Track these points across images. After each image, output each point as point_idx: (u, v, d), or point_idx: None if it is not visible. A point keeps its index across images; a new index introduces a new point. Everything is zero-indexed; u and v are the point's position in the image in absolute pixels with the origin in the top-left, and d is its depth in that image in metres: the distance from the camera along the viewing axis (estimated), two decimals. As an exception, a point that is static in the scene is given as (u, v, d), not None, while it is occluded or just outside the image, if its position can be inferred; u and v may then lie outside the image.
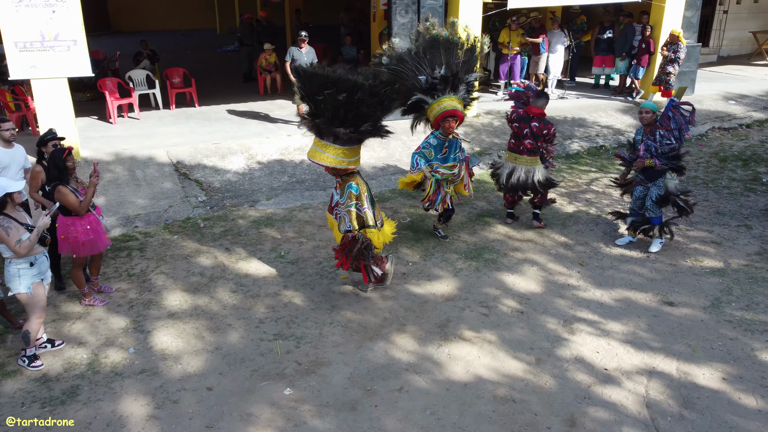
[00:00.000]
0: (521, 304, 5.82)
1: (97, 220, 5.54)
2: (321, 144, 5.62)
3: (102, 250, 5.69)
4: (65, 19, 8.13)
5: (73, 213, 5.39)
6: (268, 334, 5.35)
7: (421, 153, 6.74)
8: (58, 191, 5.28)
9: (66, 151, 5.32)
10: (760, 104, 12.47)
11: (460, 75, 6.78)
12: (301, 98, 5.77)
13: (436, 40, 6.82)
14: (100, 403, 4.53)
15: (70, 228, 5.41)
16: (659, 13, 11.95)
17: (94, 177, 5.42)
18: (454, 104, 6.66)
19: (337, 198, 5.90)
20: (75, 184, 5.46)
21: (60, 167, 5.30)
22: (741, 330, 5.36)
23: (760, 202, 8.14)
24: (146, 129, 10.50)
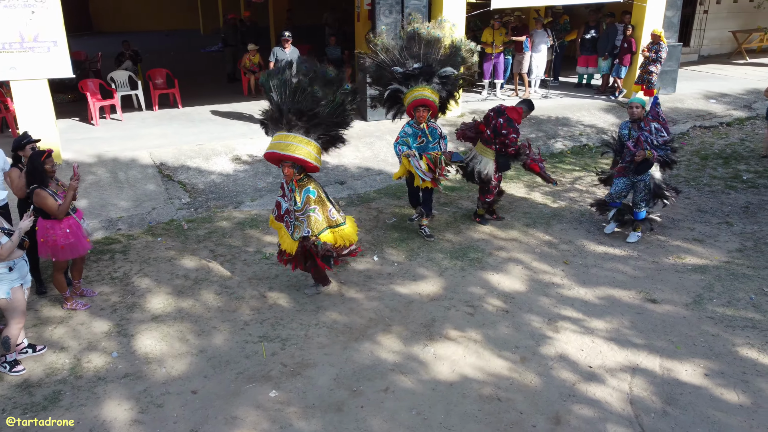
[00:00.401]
0: (506, 303, 5.84)
1: (77, 224, 5.47)
2: (295, 138, 5.45)
3: (82, 254, 5.63)
4: (45, 19, 8.03)
5: (52, 216, 5.32)
6: (254, 336, 5.33)
7: (402, 142, 6.98)
8: (36, 194, 5.21)
9: (45, 154, 5.25)
10: (740, 103, 12.62)
11: (434, 68, 6.99)
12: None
13: (417, 33, 7.06)
14: (82, 408, 4.48)
15: (49, 231, 5.34)
16: (641, 12, 12.07)
17: (73, 180, 5.36)
18: (424, 94, 6.88)
19: (287, 205, 5.72)
20: (55, 187, 5.40)
21: (39, 170, 5.23)
22: (722, 326, 5.43)
23: (741, 199, 8.25)
24: (129, 130, 10.40)
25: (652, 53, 11.28)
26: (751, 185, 8.72)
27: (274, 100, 5.53)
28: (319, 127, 5.61)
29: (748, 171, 9.30)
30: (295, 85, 5.47)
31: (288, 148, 5.40)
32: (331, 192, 8.43)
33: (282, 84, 5.48)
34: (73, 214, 5.49)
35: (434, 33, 6.99)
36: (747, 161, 9.77)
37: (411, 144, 6.96)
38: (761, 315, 5.57)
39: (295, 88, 5.46)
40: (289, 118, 5.47)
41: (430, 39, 6.98)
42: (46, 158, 5.25)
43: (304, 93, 5.45)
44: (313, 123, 5.55)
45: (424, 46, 6.95)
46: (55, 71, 8.32)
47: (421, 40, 6.97)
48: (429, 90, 6.93)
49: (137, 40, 23.03)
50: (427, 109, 6.87)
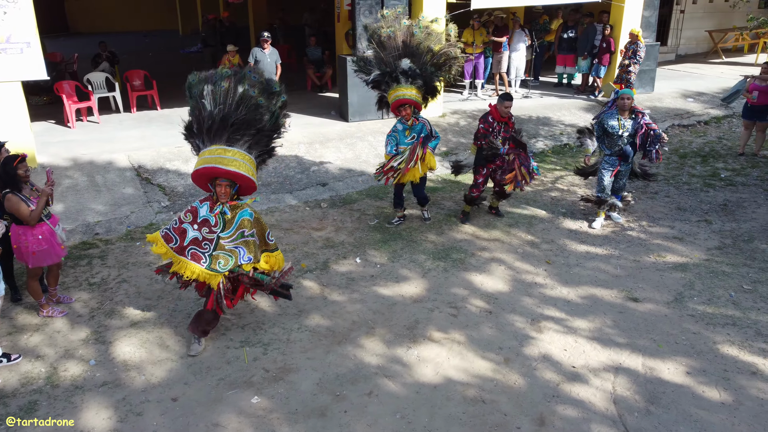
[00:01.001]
0: (489, 304, 5.83)
1: (50, 231, 5.34)
2: (236, 153, 4.79)
3: (56, 261, 5.49)
4: (17, 20, 7.87)
5: (24, 222, 5.20)
6: (235, 341, 5.25)
7: (392, 135, 7.21)
8: (8, 199, 5.08)
9: (18, 159, 5.12)
10: (717, 101, 12.78)
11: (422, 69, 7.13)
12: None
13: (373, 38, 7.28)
14: (59, 418, 4.37)
15: (21, 238, 5.22)
16: (619, 12, 12.17)
17: (47, 185, 5.24)
18: (402, 93, 7.08)
19: (197, 234, 4.88)
20: (29, 192, 5.27)
21: (11, 174, 5.10)
22: (703, 324, 5.47)
23: (719, 197, 8.34)
24: (106, 133, 10.23)
25: (630, 53, 11.37)
26: (729, 183, 8.82)
27: (208, 109, 4.78)
28: (262, 141, 5.05)
29: (726, 169, 9.41)
30: (240, 94, 4.81)
31: (231, 163, 4.71)
32: (312, 194, 8.41)
33: (221, 92, 4.80)
34: (47, 221, 5.36)
35: (387, 31, 7.11)
36: (725, 159, 9.89)
37: (401, 140, 7.17)
38: (741, 312, 5.62)
39: (241, 98, 4.81)
40: (233, 131, 4.81)
41: (385, 39, 7.10)
42: (19, 163, 5.12)
43: (248, 103, 4.83)
44: (257, 137, 4.97)
45: (383, 48, 7.13)
46: (28, 73, 8.16)
47: (379, 43, 7.16)
48: (406, 88, 7.10)
49: (114, 41, 22.74)
50: (409, 106, 7.05)
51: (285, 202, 8.21)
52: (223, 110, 4.78)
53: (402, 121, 7.14)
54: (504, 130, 7.18)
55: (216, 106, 4.78)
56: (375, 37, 7.19)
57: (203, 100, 4.80)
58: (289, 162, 9.22)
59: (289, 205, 8.13)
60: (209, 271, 4.84)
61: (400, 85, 7.06)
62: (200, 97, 4.84)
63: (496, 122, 7.15)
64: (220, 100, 4.79)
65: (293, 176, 8.89)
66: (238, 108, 4.79)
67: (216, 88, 4.80)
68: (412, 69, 7.00)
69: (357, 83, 9.64)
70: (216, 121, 4.78)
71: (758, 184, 8.77)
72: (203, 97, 4.81)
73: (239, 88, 4.82)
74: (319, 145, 9.80)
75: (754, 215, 7.74)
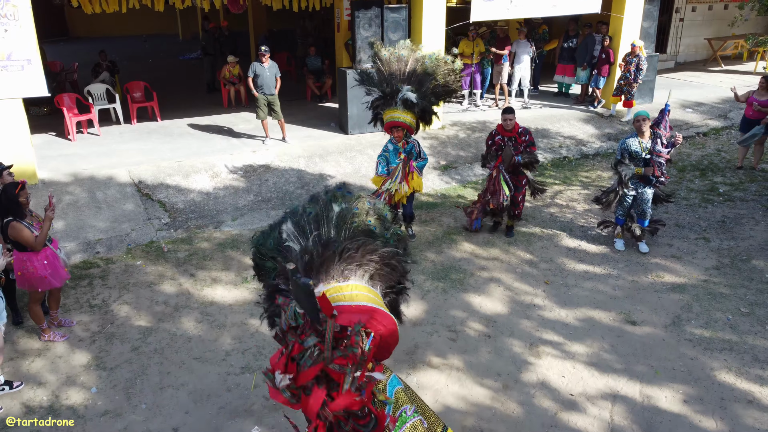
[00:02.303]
0: (488, 327, 5.87)
1: (54, 254, 5.39)
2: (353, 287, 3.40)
3: (60, 285, 5.54)
4: (18, 38, 7.88)
5: (28, 248, 5.23)
6: (235, 367, 5.29)
7: (382, 156, 7.37)
8: (11, 227, 5.12)
9: (19, 186, 5.16)
10: (716, 112, 12.81)
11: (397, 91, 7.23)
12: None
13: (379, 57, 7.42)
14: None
15: (26, 264, 5.26)
16: (618, 24, 12.20)
17: (49, 211, 5.28)
18: (395, 116, 7.22)
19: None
20: (30, 219, 5.31)
21: (13, 201, 5.15)
22: (700, 349, 5.50)
23: (717, 213, 8.37)
24: (106, 146, 10.26)
25: (633, 66, 11.39)
26: (728, 198, 8.86)
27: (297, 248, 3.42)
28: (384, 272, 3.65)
29: (724, 183, 9.45)
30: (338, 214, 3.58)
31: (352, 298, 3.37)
32: (312, 210, 8.42)
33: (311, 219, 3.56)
34: (50, 245, 5.40)
35: (400, 54, 7.22)
36: (723, 173, 9.92)
37: (392, 159, 7.31)
38: (738, 336, 5.66)
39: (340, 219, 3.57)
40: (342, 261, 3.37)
41: (394, 61, 7.20)
42: (21, 190, 5.16)
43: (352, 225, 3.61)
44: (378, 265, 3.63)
45: (388, 69, 7.25)
46: (29, 90, 8.16)
47: (385, 63, 7.27)
48: (400, 111, 7.22)
49: (114, 45, 22.85)
50: (401, 129, 7.22)
51: (285, 219, 8.23)
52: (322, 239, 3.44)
53: (393, 142, 7.30)
54: (513, 146, 7.23)
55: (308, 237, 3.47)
56: (382, 56, 7.26)
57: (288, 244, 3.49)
58: (289, 177, 9.25)
59: (289, 222, 8.15)
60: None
61: (397, 108, 7.16)
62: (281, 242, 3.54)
63: (499, 136, 7.25)
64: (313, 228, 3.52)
65: (293, 191, 8.92)
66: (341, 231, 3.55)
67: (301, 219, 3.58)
68: (412, 99, 7.07)
69: (357, 96, 9.68)
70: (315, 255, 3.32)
71: (756, 200, 8.80)
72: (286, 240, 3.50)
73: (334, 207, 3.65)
74: (318, 159, 9.83)
75: (752, 233, 7.78)
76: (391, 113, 7.19)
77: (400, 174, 7.13)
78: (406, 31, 10.59)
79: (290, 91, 13.49)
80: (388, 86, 7.19)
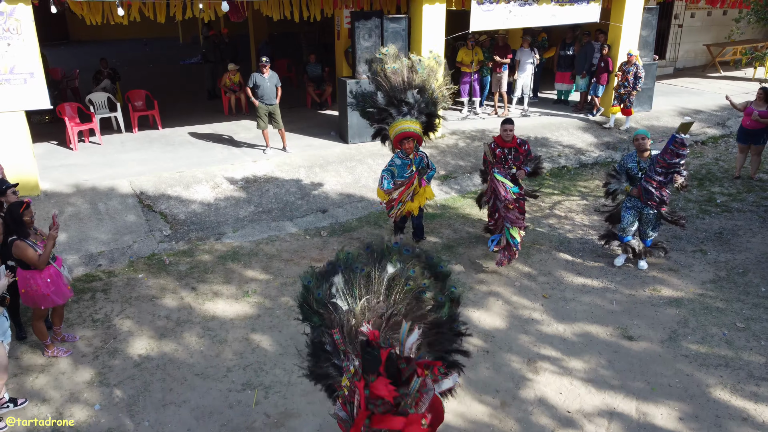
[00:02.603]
0: (487, 342, 5.93)
1: (57, 272, 5.46)
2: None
3: (63, 302, 5.61)
4: (21, 51, 7.96)
5: (32, 267, 5.30)
6: (237, 383, 5.35)
7: (388, 170, 7.30)
8: (15, 246, 5.19)
9: (24, 205, 5.23)
10: (714, 120, 12.88)
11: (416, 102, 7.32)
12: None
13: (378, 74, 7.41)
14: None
15: (30, 282, 5.32)
16: (616, 32, 12.26)
17: (53, 230, 5.35)
18: (406, 126, 7.20)
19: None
20: (34, 237, 5.37)
21: (17, 221, 5.22)
22: (696, 365, 5.57)
23: (714, 224, 8.43)
24: (108, 156, 10.32)
25: (630, 75, 11.46)
26: (725, 209, 8.92)
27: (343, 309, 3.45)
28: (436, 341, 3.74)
29: (722, 194, 9.51)
30: (391, 276, 3.55)
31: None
32: (312, 221, 8.52)
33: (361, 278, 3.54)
34: (53, 263, 5.47)
35: (393, 67, 7.26)
36: (721, 183, 9.98)
37: (400, 173, 7.27)
38: (733, 352, 5.72)
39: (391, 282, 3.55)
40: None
41: (390, 75, 7.25)
42: (25, 209, 5.23)
43: (405, 289, 3.56)
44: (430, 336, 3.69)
45: (389, 84, 7.25)
46: (31, 103, 8.25)
47: (384, 79, 7.28)
48: (409, 121, 7.25)
49: (115, 49, 22.91)
50: (412, 140, 7.20)
51: (286, 230, 8.31)
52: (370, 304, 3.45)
53: (400, 156, 7.25)
54: (514, 156, 7.27)
55: (357, 298, 3.47)
56: (380, 73, 7.30)
57: (336, 301, 3.49)
58: (290, 187, 9.31)
59: (290, 233, 8.22)
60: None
61: (405, 119, 7.18)
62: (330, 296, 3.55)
63: (499, 148, 7.28)
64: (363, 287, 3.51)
65: (294, 202, 8.98)
66: (391, 294, 3.49)
67: (353, 275, 3.55)
68: (419, 101, 7.13)
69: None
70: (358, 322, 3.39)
71: (753, 210, 8.86)
72: (334, 296, 3.52)
73: (389, 268, 3.55)
74: (319, 169, 9.90)
75: (749, 245, 7.84)
76: (401, 125, 7.19)
77: (412, 191, 7.12)
78: (406, 41, 10.66)
79: (291, 97, 13.56)
80: (395, 98, 7.19)
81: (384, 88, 7.36)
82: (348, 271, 3.58)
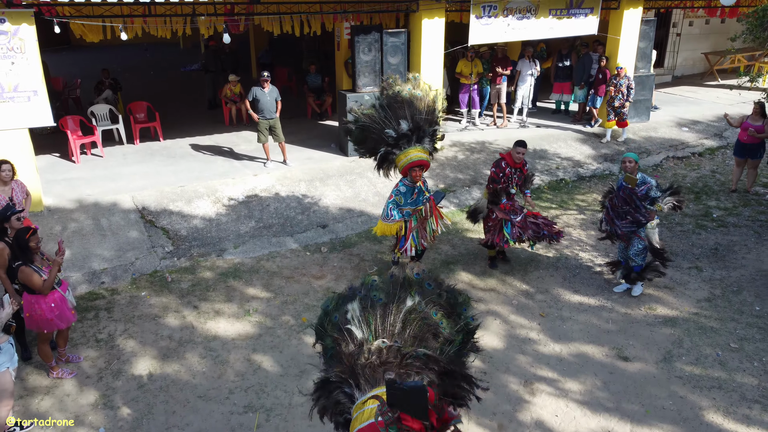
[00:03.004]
0: (485, 363, 6.03)
1: (62, 297, 5.55)
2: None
3: (66, 327, 5.71)
4: (25, 70, 8.05)
5: (37, 292, 5.40)
6: (238, 406, 5.45)
7: (394, 201, 7.22)
8: (21, 272, 5.30)
9: (30, 232, 5.33)
10: (711, 131, 12.97)
11: (423, 128, 7.11)
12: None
13: (399, 95, 7.12)
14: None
15: (34, 306, 5.43)
16: (614, 45, 12.35)
17: (59, 256, 5.44)
18: (420, 155, 7.07)
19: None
20: (40, 262, 5.47)
21: (23, 247, 5.32)
22: (690, 387, 5.67)
23: (710, 240, 8.53)
24: (110, 169, 10.41)
25: (623, 88, 11.58)
26: (721, 224, 9.02)
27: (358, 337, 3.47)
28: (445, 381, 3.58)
29: (718, 208, 9.61)
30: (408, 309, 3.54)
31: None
32: (312, 237, 8.61)
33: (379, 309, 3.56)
34: (58, 288, 5.56)
35: (414, 92, 7.12)
36: (717, 196, 10.08)
37: (405, 201, 7.20)
38: (727, 374, 5.82)
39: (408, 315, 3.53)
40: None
41: (411, 99, 7.07)
42: (31, 236, 5.33)
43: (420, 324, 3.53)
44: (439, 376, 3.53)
45: (408, 106, 7.03)
46: (35, 120, 8.34)
47: (403, 101, 7.04)
48: (420, 150, 7.08)
49: (116, 55, 23.00)
50: (423, 168, 7.10)
51: (286, 246, 8.40)
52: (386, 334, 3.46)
53: (405, 183, 7.15)
54: (519, 176, 7.37)
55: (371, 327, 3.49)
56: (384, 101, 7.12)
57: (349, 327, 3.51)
58: (290, 202, 9.41)
59: (290, 249, 8.32)
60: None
61: (413, 147, 7.01)
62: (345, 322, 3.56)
63: (509, 167, 7.35)
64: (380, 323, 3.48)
65: (294, 217, 9.07)
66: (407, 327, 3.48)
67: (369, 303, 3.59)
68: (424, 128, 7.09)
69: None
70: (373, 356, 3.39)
71: (749, 225, 8.96)
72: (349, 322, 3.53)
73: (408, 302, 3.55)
74: (319, 183, 9.99)
75: (744, 261, 7.94)
76: (413, 153, 6.99)
77: (432, 215, 7.15)
78: (405, 55, 10.76)
79: (291, 107, 13.64)
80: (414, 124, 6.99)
81: (404, 112, 7.05)
82: (365, 299, 3.60)
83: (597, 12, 11.77)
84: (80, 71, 18.23)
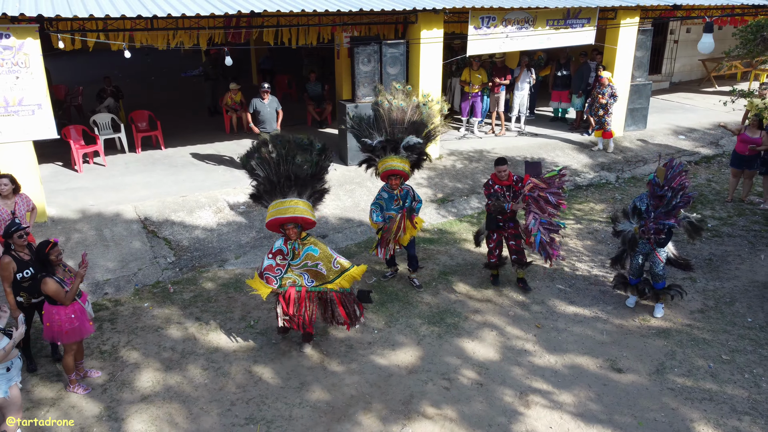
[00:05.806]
0: (480, 375, 6.15)
1: (81, 309, 5.71)
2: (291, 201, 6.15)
3: (85, 337, 5.87)
4: (29, 84, 8.19)
5: (58, 302, 5.55)
6: (240, 418, 5.58)
7: (376, 204, 7.60)
8: (44, 282, 5.47)
9: (50, 245, 5.49)
10: (707, 139, 13.09)
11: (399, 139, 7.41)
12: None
13: (380, 106, 7.47)
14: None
15: (54, 317, 5.58)
16: (611, 54, 12.48)
17: (81, 268, 5.60)
18: (396, 165, 7.37)
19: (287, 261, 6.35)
20: (62, 274, 5.62)
21: (43, 260, 5.49)
22: (682, 398, 5.79)
23: (705, 250, 8.65)
24: (112, 178, 10.55)
25: (607, 95, 11.74)
26: (716, 234, 9.14)
27: (262, 176, 6.14)
28: (307, 186, 6.23)
29: (713, 217, 9.73)
30: (276, 158, 6.09)
31: (287, 211, 6.11)
32: (313, 248, 8.70)
33: (263, 161, 6.13)
34: (78, 299, 5.71)
35: (397, 104, 7.34)
36: (713, 205, 10.20)
37: (388, 206, 7.53)
38: (718, 386, 5.95)
39: (278, 161, 6.08)
40: (282, 186, 6.11)
41: (395, 110, 7.32)
42: (51, 248, 5.49)
43: (287, 162, 6.06)
44: (302, 185, 6.16)
45: (389, 118, 7.34)
46: (39, 133, 8.47)
47: (386, 112, 7.36)
48: (398, 159, 7.37)
49: (117, 59, 23.04)
50: (399, 177, 7.39)
51: (286, 257, 8.52)
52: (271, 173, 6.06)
53: (386, 189, 7.50)
54: (512, 194, 7.44)
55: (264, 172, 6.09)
56: (384, 105, 7.36)
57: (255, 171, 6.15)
58: (290, 212, 9.52)
59: (291, 260, 8.44)
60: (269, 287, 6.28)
61: (395, 157, 7.30)
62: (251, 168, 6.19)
63: (497, 185, 7.46)
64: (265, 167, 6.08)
65: (294, 227, 9.18)
66: (280, 168, 6.04)
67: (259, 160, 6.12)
68: (419, 145, 7.27)
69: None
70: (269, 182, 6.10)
71: (743, 235, 9.09)
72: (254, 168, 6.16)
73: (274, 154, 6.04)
74: (319, 192, 10.10)
75: (737, 272, 8.07)
76: (389, 162, 7.33)
77: (402, 227, 7.33)
78: (404, 65, 10.89)
79: (291, 115, 13.75)
80: (390, 135, 7.32)
81: (384, 122, 7.43)
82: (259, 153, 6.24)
83: (594, 22, 11.90)
84: (82, 77, 18.37)
